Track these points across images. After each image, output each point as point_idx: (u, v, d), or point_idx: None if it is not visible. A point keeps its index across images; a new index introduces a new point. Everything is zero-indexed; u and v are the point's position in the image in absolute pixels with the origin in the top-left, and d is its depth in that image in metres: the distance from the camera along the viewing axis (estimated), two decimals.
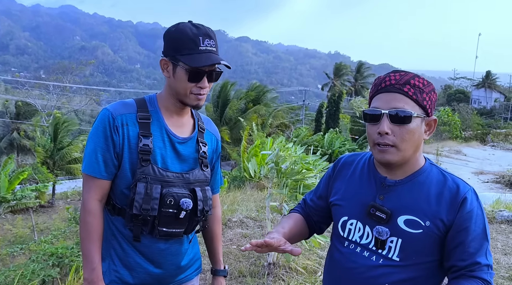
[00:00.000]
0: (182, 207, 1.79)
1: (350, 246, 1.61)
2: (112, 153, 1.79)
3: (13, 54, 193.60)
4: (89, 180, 1.81)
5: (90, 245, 1.79)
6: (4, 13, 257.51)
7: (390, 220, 1.52)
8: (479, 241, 1.48)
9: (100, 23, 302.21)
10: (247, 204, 7.52)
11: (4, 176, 18.01)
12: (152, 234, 1.81)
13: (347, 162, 1.78)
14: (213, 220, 2.16)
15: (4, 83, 79.44)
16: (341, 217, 1.66)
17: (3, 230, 20.62)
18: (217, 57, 1.79)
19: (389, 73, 1.54)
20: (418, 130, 1.50)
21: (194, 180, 1.88)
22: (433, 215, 1.49)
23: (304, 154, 5.21)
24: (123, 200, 1.83)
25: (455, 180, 1.54)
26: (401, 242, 1.50)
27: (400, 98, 1.48)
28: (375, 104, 1.53)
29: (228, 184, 14.40)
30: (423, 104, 1.49)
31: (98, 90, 66.49)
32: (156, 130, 1.84)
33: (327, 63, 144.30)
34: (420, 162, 1.57)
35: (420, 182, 1.55)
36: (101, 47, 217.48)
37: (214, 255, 2.19)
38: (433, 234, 1.48)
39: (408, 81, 1.48)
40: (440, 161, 18.44)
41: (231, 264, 4.76)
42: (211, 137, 2.06)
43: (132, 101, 1.88)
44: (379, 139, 1.49)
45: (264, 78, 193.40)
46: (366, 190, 1.62)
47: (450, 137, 31.88)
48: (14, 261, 14.49)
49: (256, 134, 20.00)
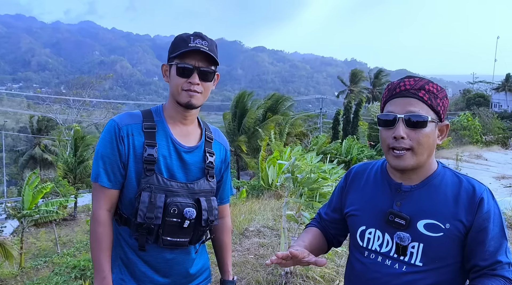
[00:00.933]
0: (186, 216, 1.81)
1: (371, 256, 1.61)
2: (118, 162, 1.84)
3: (35, 71, 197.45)
4: (98, 190, 1.86)
5: (100, 255, 1.83)
6: (26, 30, 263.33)
7: (410, 225, 1.52)
8: (499, 240, 1.49)
9: (118, 37, 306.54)
10: (264, 213, 7.54)
11: (29, 190, 18.33)
12: (157, 243, 1.84)
13: (359, 171, 1.79)
14: (222, 230, 2.18)
15: (27, 100, 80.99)
16: (359, 227, 1.66)
17: (27, 243, 20.96)
18: (204, 49, 1.83)
19: (403, 78, 1.56)
20: (433, 135, 1.51)
21: (199, 190, 1.90)
22: (452, 217, 1.49)
23: (320, 162, 5.23)
24: (129, 210, 1.87)
25: (470, 180, 1.55)
26: (423, 247, 1.50)
27: (415, 103, 1.50)
28: (389, 108, 1.54)
29: (247, 194, 14.43)
30: (437, 109, 1.51)
31: (117, 104, 67.37)
32: (162, 140, 1.87)
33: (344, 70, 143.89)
34: (433, 166, 1.59)
35: (435, 185, 1.55)
36: (120, 61, 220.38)
37: (223, 266, 2.19)
38: (453, 236, 1.49)
39: (423, 87, 1.51)
40: (461, 166, 18.15)
41: (248, 273, 4.78)
42: (220, 147, 2.08)
43: (138, 112, 1.93)
44: (394, 143, 1.51)
45: (281, 87, 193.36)
46: (382, 198, 1.62)
47: (471, 142, 31.34)
48: (38, 274, 14.74)
49: (274, 144, 20.00)
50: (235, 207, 9.00)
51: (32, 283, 11.44)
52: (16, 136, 48.33)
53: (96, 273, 1.84)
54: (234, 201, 12.02)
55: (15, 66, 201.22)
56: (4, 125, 48.55)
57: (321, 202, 4.41)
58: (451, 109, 49.49)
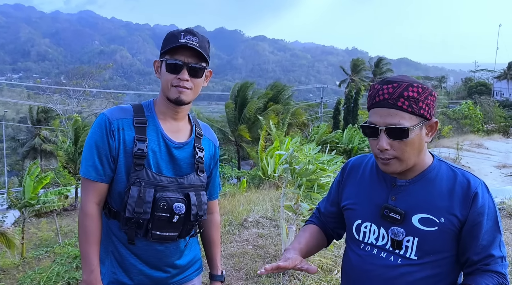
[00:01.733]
0: (175, 211, 1.81)
1: (366, 248, 1.62)
2: (108, 156, 1.83)
3: (34, 61, 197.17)
4: (87, 183, 1.86)
5: (88, 248, 1.84)
6: (25, 20, 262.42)
7: (405, 220, 1.53)
8: (492, 234, 1.49)
9: (118, 27, 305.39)
10: (263, 203, 7.54)
11: (30, 180, 18.37)
12: (146, 237, 1.84)
13: (355, 164, 1.78)
14: (211, 225, 2.19)
15: (27, 90, 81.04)
16: (355, 221, 1.66)
17: (28, 233, 21.08)
18: (194, 45, 1.82)
19: (382, 84, 1.50)
20: (418, 139, 1.49)
21: (188, 184, 1.90)
22: (446, 211, 1.49)
23: (319, 153, 5.21)
24: (118, 203, 1.87)
25: (465, 174, 1.54)
26: (417, 241, 1.51)
27: (394, 114, 1.46)
28: (372, 119, 1.52)
29: (248, 184, 14.44)
30: (420, 113, 1.47)
31: (117, 94, 67.40)
32: (152, 135, 1.87)
33: (345, 59, 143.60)
34: (427, 161, 1.58)
35: (430, 179, 1.55)
36: (120, 51, 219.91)
37: (212, 260, 2.21)
38: (448, 230, 1.49)
39: (401, 94, 1.46)
40: (461, 155, 18.16)
41: (247, 264, 4.78)
42: (209, 144, 2.08)
43: (129, 107, 1.92)
44: (379, 154, 1.51)
45: (281, 77, 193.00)
46: (378, 192, 1.63)
47: (472, 131, 31.36)
48: (39, 264, 14.81)
49: (275, 133, 19.97)
50: (234, 198, 9.00)
51: (34, 273, 11.45)
52: (17, 126, 48.34)
53: (84, 266, 1.85)
54: (233, 191, 12.04)
55: (14, 56, 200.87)
56: (4, 115, 48.57)
57: (319, 192, 4.41)
58: (453, 98, 49.41)
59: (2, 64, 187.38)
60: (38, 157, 37.55)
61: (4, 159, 42.49)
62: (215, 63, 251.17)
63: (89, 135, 1.87)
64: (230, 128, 28.12)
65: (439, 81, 59.39)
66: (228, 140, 28.44)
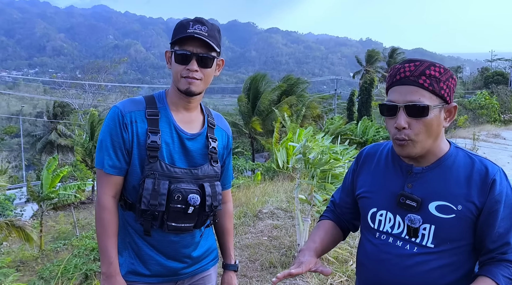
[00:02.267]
0: (190, 203, 1.81)
1: (382, 237, 1.59)
2: (123, 149, 1.83)
3: (50, 56, 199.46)
4: (103, 176, 1.86)
5: (107, 241, 1.85)
6: (40, 16, 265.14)
7: (421, 207, 1.50)
8: (509, 221, 1.46)
9: (131, 21, 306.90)
10: (278, 195, 7.55)
11: (47, 174, 18.62)
12: (161, 228, 1.84)
13: (370, 153, 1.76)
14: (224, 215, 2.18)
15: (43, 85, 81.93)
16: (370, 209, 1.64)
17: (47, 226, 21.42)
18: (202, 35, 1.80)
19: (404, 63, 1.49)
20: (437, 120, 1.46)
21: (203, 175, 1.90)
22: (464, 198, 1.47)
23: (332, 144, 5.19)
24: (133, 196, 1.87)
25: (483, 161, 1.51)
26: (434, 228, 1.48)
27: (415, 91, 1.44)
28: (391, 97, 1.50)
29: (262, 176, 14.45)
30: (440, 93, 1.45)
31: (132, 88, 67.85)
32: (165, 127, 1.86)
33: (359, 50, 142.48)
34: (443, 148, 1.55)
35: (447, 166, 1.52)
36: (134, 45, 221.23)
37: (225, 250, 2.21)
38: (465, 217, 1.46)
39: (423, 72, 1.44)
40: (478, 146, 17.93)
41: (262, 255, 4.81)
42: (222, 133, 2.06)
43: (141, 98, 1.91)
44: (397, 134, 1.48)
45: (295, 69, 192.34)
46: (393, 180, 1.60)
47: (488, 121, 30.88)
48: (57, 256, 15.06)
49: (289, 125, 19.93)
50: (248, 189, 9.03)
51: (52, 265, 11.68)
52: (33, 121, 49.00)
53: (102, 259, 1.86)
54: (248, 183, 12.07)
55: (30, 52, 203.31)
56: (21, 110, 49.27)
57: (333, 183, 4.39)
58: (469, 88, 48.70)
59: (18, 60, 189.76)
60: (54, 151, 38.06)
61: (22, 153, 43.15)
62: (229, 56, 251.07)
63: (102, 128, 1.87)
64: (243, 121, 28.09)
65: (455, 71, 58.47)
66: (242, 133, 28.44)
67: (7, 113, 62.07)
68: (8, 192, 23.43)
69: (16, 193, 26.05)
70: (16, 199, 25.13)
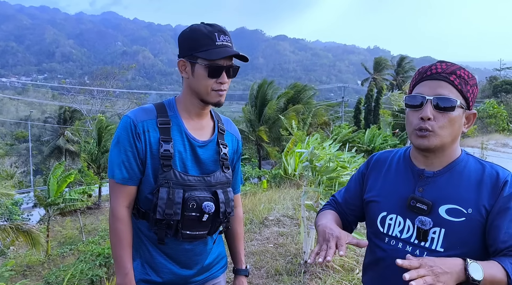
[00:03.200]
0: (205, 211, 1.80)
1: (391, 242, 1.58)
2: (137, 159, 1.83)
3: (59, 62, 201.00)
4: (116, 187, 1.86)
5: (121, 251, 1.85)
6: (50, 22, 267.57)
7: (432, 210, 1.50)
8: None
9: (140, 27, 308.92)
10: (284, 202, 7.53)
11: (53, 179, 18.71)
12: (176, 236, 1.84)
13: (381, 158, 1.77)
14: (234, 220, 2.17)
15: (52, 90, 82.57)
16: (380, 213, 1.64)
17: (53, 231, 21.46)
18: (234, 50, 1.80)
19: (436, 63, 1.55)
20: (459, 121, 1.50)
21: (215, 182, 1.89)
22: (475, 202, 1.47)
23: (339, 151, 5.19)
24: (147, 205, 1.87)
25: (494, 166, 1.53)
26: (444, 232, 1.48)
27: (445, 86, 1.49)
28: (419, 90, 1.53)
29: (269, 183, 14.43)
30: (466, 95, 1.50)
31: (139, 94, 68.18)
32: (177, 135, 1.86)
33: (367, 58, 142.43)
34: (457, 153, 1.57)
35: (458, 171, 1.54)
36: (142, 52, 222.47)
37: (236, 255, 2.20)
38: (476, 221, 1.46)
39: (454, 71, 1.50)
40: (486, 155, 17.81)
41: (267, 262, 4.79)
42: (232, 138, 2.06)
43: (151, 107, 1.89)
44: (420, 124, 1.49)
45: (302, 76, 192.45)
46: (404, 184, 1.60)
47: (497, 130, 30.72)
48: (64, 261, 15.09)
49: (296, 133, 19.91)
50: (255, 196, 9.01)
51: (58, 270, 11.72)
52: (42, 126, 49.27)
53: (117, 269, 1.86)
54: (254, 190, 12.04)
55: (40, 58, 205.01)
56: (30, 116, 49.61)
57: None
58: (477, 96, 48.47)
59: (28, 65, 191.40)
60: (62, 156, 38.26)
61: (30, 158, 43.39)
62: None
63: (115, 138, 1.86)
64: (251, 128, 28.07)
65: None
66: (249, 140, 28.42)
67: (16, 118, 62.53)
68: (16, 197, 23.53)
69: (24, 197, 26.19)
70: (24, 204, 25.26)
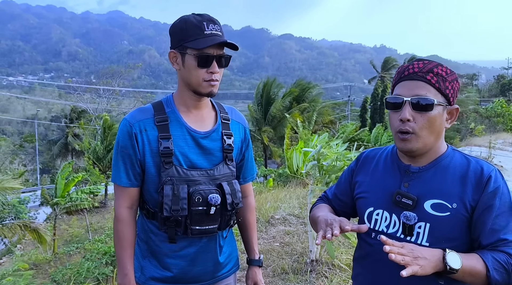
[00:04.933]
0: (211, 203, 1.80)
1: (377, 237, 1.59)
2: (134, 160, 1.84)
3: (65, 61, 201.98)
4: (118, 189, 1.90)
5: (122, 252, 1.88)
6: (56, 21, 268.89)
7: (417, 205, 1.52)
8: (505, 218, 1.46)
9: (146, 27, 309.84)
10: (290, 201, 7.53)
11: (61, 179, 18.80)
12: (186, 233, 1.84)
13: (370, 155, 1.79)
14: (246, 209, 2.16)
15: (58, 89, 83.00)
16: (367, 208, 1.66)
17: (60, 230, 21.57)
18: (222, 38, 1.78)
19: (413, 61, 1.54)
20: (439, 118, 1.51)
21: (219, 175, 1.89)
22: (459, 196, 1.49)
23: (346, 150, 5.16)
24: (154, 204, 1.88)
25: (479, 161, 1.54)
26: (429, 227, 1.49)
27: (422, 86, 1.49)
28: (397, 91, 1.54)
29: (275, 182, 14.43)
30: (445, 92, 1.50)
31: (145, 93, 68.39)
32: (177, 130, 1.85)
33: (373, 57, 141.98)
34: (442, 149, 1.59)
35: (443, 166, 1.56)
36: (148, 51, 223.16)
37: (249, 245, 2.19)
38: (461, 215, 1.48)
39: (431, 70, 1.50)
40: (494, 154, 17.70)
41: (274, 261, 4.78)
42: (238, 126, 2.04)
43: (149, 106, 1.91)
44: (400, 126, 1.51)
45: (308, 75, 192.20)
46: (391, 179, 1.63)
47: (505, 129, 30.56)
48: (70, 259, 15.15)
49: (302, 132, 19.89)
50: (261, 195, 9.01)
51: (65, 268, 11.75)
52: (48, 125, 49.51)
53: (118, 269, 1.90)
54: (260, 189, 12.05)
55: (46, 56, 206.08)
56: (36, 114, 49.87)
57: None
58: (484, 95, 48.23)
59: (34, 64, 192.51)
60: (69, 155, 38.43)
61: (36, 156, 43.63)
62: (242, 62, 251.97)
63: (115, 142, 1.90)
64: (257, 127, 28.06)
65: (470, 78, 57.94)
66: (255, 139, 28.42)
67: (23, 117, 62.89)
68: (23, 195, 23.67)
69: (30, 196, 26.32)
70: (30, 202, 25.40)
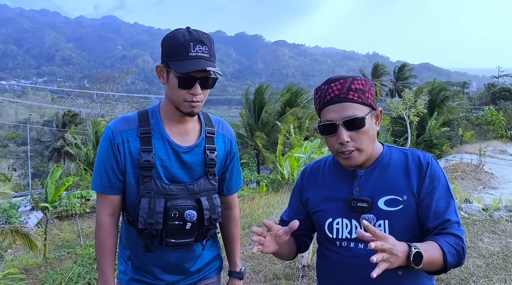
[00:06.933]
0: (187, 219, 1.80)
1: (343, 244, 1.63)
2: (116, 169, 1.85)
3: (59, 65, 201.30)
4: (99, 196, 1.91)
5: (102, 258, 1.89)
6: (50, 25, 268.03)
7: (372, 206, 1.58)
8: (446, 200, 1.56)
9: (140, 32, 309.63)
10: (282, 206, 7.55)
11: (51, 183, 18.67)
12: (161, 244, 1.85)
13: (313, 169, 1.83)
14: (230, 221, 2.16)
15: (51, 94, 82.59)
16: (325, 220, 1.68)
17: (51, 234, 21.38)
18: (206, 62, 1.72)
19: (329, 83, 1.58)
20: (372, 127, 1.59)
21: (199, 189, 1.88)
22: (407, 188, 1.57)
23: None
24: (133, 214, 1.90)
25: (414, 152, 1.65)
26: (388, 223, 1.56)
27: (349, 106, 1.54)
28: (326, 117, 1.58)
29: (267, 187, 14.43)
30: (368, 102, 1.57)
31: (139, 98, 68.18)
32: (159, 143, 1.84)
33: (366, 64, 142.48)
34: (379, 149, 1.67)
35: (385, 164, 1.64)
36: (142, 56, 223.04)
37: (231, 257, 2.19)
38: (412, 205, 1.56)
39: (350, 88, 1.55)
40: (484, 161, 17.84)
41: (265, 266, 4.80)
42: (224, 139, 2.01)
43: (134, 116, 1.89)
44: (341, 148, 1.57)
45: (301, 81, 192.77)
46: (341, 187, 1.67)
47: (495, 137, 30.82)
48: (61, 264, 15.03)
49: (294, 138, 19.93)
50: (253, 201, 9.03)
51: (56, 273, 11.68)
52: (41, 129, 49.25)
53: (99, 275, 1.91)
54: (253, 195, 12.05)
55: (39, 61, 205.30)
56: (29, 118, 49.59)
57: None
58: (475, 103, 48.57)
59: (27, 69, 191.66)
60: (61, 159, 38.24)
61: (28, 161, 43.36)
62: (236, 68, 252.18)
63: (98, 150, 1.91)
64: (249, 133, 28.02)
65: (461, 86, 58.39)
66: (248, 145, 28.38)
67: (15, 121, 62.53)
68: (13, 200, 23.48)
69: (22, 200, 26.12)
70: (21, 207, 25.20)
